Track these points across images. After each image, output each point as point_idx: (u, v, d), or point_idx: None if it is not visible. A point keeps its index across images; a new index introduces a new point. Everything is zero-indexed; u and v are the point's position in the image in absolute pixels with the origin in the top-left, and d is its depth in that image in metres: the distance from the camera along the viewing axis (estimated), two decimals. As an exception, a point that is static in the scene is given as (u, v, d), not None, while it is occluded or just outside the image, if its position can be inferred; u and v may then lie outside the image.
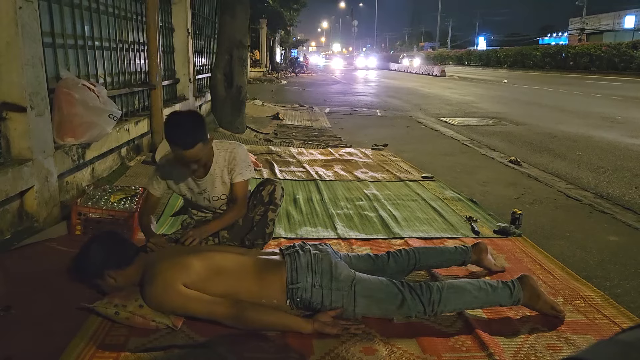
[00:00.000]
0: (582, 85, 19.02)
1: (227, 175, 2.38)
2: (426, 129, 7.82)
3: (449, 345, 1.87)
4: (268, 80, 20.64)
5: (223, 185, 2.41)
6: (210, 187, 2.39)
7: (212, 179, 2.37)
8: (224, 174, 2.38)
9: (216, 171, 2.36)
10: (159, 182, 2.40)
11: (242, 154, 2.41)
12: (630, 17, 44.61)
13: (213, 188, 2.40)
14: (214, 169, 2.35)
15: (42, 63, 2.89)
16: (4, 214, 2.66)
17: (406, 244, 2.84)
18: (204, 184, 2.37)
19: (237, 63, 6.33)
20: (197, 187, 2.38)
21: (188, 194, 2.41)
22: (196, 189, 2.39)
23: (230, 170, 2.37)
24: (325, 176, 4.47)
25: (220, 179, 2.38)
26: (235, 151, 2.39)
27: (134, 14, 5.24)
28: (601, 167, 5.14)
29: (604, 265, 2.67)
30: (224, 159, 2.36)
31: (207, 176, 2.36)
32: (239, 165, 2.37)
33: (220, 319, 1.87)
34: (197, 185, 2.38)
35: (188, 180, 2.37)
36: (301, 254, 2.06)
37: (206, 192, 2.40)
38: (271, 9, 21.44)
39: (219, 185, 2.40)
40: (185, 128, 2.13)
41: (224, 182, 2.40)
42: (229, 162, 2.37)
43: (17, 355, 1.71)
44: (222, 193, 2.42)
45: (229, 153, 2.37)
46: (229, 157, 2.37)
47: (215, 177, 2.37)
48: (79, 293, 2.04)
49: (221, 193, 2.42)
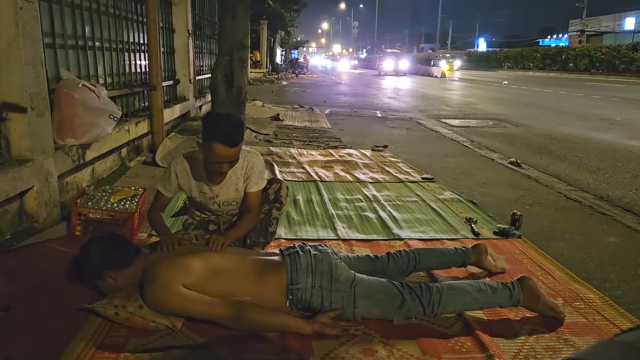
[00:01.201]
0: (582, 87, 19.05)
1: (242, 183, 2.37)
2: (426, 130, 7.83)
3: (448, 346, 1.87)
4: (268, 81, 20.66)
5: (236, 192, 2.39)
6: (224, 193, 2.37)
7: (227, 185, 2.35)
8: (239, 182, 2.36)
9: (232, 178, 2.34)
10: (170, 183, 2.36)
11: (260, 164, 2.41)
12: (631, 18, 44.63)
13: (226, 194, 2.38)
14: (230, 176, 2.33)
15: (43, 63, 2.89)
16: (3, 214, 2.66)
17: (406, 245, 2.84)
18: (217, 190, 2.36)
19: (238, 64, 6.33)
20: (209, 191, 2.36)
21: (198, 197, 2.39)
22: (208, 193, 2.36)
23: (246, 178, 2.36)
24: (325, 177, 4.48)
25: (235, 185, 2.37)
26: (254, 160, 2.38)
27: (135, 15, 5.24)
28: (601, 169, 5.14)
29: (603, 267, 2.67)
30: (241, 166, 2.34)
31: (222, 183, 2.34)
32: (256, 175, 2.36)
33: (219, 319, 1.86)
34: (209, 190, 2.36)
35: (202, 184, 2.34)
36: (301, 254, 2.06)
37: (218, 197, 2.38)
38: (271, 10, 21.49)
39: (232, 192, 2.38)
40: (235, 125, 2.12)
41: (237, 190, 2.38)
42: (246, 170, 2.35)
43: (16, 356, 1.71)
44: (233, 199, 2.41)
45: (247, 162, 2.36)
46: (246, 165, 2.35)
47: (230, 184, 2.36)
48: (79, 293, 2.03)
49: (232, 199, 2.41)
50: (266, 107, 9.84)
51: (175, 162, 2.36)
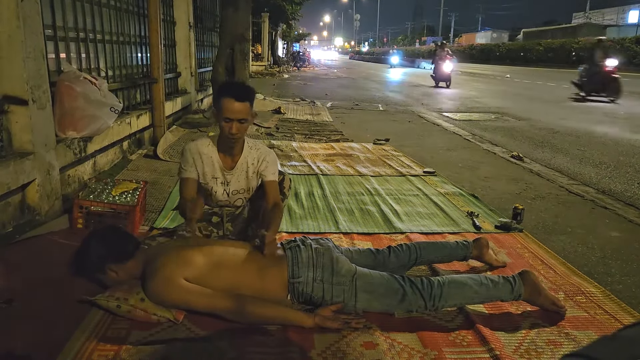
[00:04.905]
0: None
1: (253, 172, 2.42)
2: (428, 124, 7.81)
3: (449, 340, 1.87)
4: (270, 74, 20.60)
5: (246, 181, 2.43)
6: (235, 181, 2.41)
7: (238, 172, 2.40)
8: (249, 170, 2.41)
9: (243, 165, 2.39)
10: (188, 163, 2.34)
11: (274, 157, 2.46)
12: (634, 11, 44.36)
13: (237, 182, 2.42)
14: (242, 163, 2.39)
15: (44, 56, 2.89)
16: (5, 207, 2.66)
17: (407, 239, 2.84)
18: (230, 177, 2.40)
19: (239, 57, 6.32)
20: (222, 177, 2.40)
21: (210, 182, 2.40)
22: (220, 178, 2.40)
23: (258, 168, 2.41)
24: (326, 170, 4.47)
25: (246, 173, 2.41)
26: (267, 153, 2.44)
27: (136, 7, 5.22)
28: (603, 163, 5.13)
29: (605, 261, 2.66)
30: (254, 157, 2.40)
31: (234, 169, 2.39)
32: (272, 166, 2.42)
33: (221, 313, 1.87)
34: (222, 176, 2.39)
35: (215, 168, 2.37)
36: (302, 248, 2.06)
37: (229, 185, 2.42)
38: (273, 2, 21.38)
39: (242, 180, 2.42)
40: (243, 85, 2.33)
41: (247, 178, 2.42)
42: (259, 161, 2.40)
43: (18, 347, 1.72)
44: (242, 188, 2.45)
45: (259, 153, 2.42)
46: (258, 156, 2.41)
47: (241, 171, 2.41)
48: (81, 286, 2.04)
49: (241, 188, 2.45)
50: (268, 101, 9.81)
51: (189, 146, 2.39)
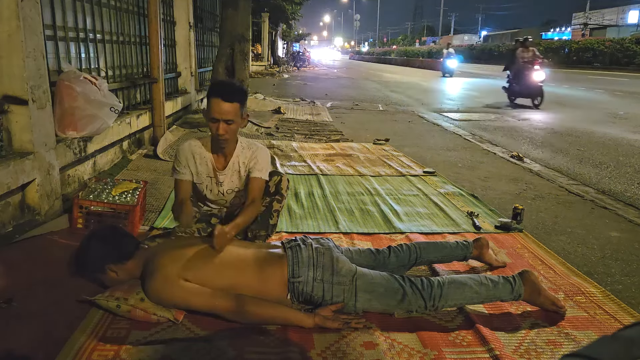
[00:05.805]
0: (585, 80, 18.96)
1: (244, 171, 2.41)
2: (428, 124, 7.80)
3: (449, 340, 1.87)
4: (270, 74, 20.60)
5: (239, 179, 2.43)
6: (228, 180, 2.41)
7: (230, 171, 2.40)
8: (241, 169, 2.41)
9: (235, 165, 2.39)
10: (182, 165, 2.35)
11: (265, 155, 2.43)
12: (634, 12, 44.39)
13: (230, 182, 2.42)
14: (234, 162, 2.38)
15: (44, 56, 2.89)
16: (5, 206, 2.66)
17: (407, 239, 2.84)
18: (222, 177, 2.40)
19: (239, 57, 6.32)
20: (215, 177, 2.40)
21: (205, 181, 2.41)
22: (214, 177, 2.40)
23: (250, 167, 2.40)
24: (326, 170, 4.47)
25: (238, 173, 2.41)
26: (259, 151, 2.42)
27: (136, 7, 5.22)
28: (603, 163, 5.13)
29: (605, 261, 2.66)
30: (247, 156, 2.39)
31: (227, 169, 2.38)
32: (260, 163, 2.40)
33: (221, 312, 1.87)
34: (215, 175, 2.39)
35: (209, 167, 2.37)
36: (303, 247, 2.06)
37: (222, 185, 2.42)
38: (273, 2, 21.37)
39: (236, 179, 2.42)
40: (230, 83, 2.32)
41: (240, 177, 2.42)
42: (249, 159, 2.39)
43: (18, 347, 1.72)
44: (235, 186, 2.45)
45: (251, 152, 2.40)
46: (250, 155, 2.40)
47: (233, 171, 2.40)
48: (81, 286, 2.04)
49: (235, 186, 2.44)
50: (267, 101, 9.81)
51: (182, 147, 2.38)
